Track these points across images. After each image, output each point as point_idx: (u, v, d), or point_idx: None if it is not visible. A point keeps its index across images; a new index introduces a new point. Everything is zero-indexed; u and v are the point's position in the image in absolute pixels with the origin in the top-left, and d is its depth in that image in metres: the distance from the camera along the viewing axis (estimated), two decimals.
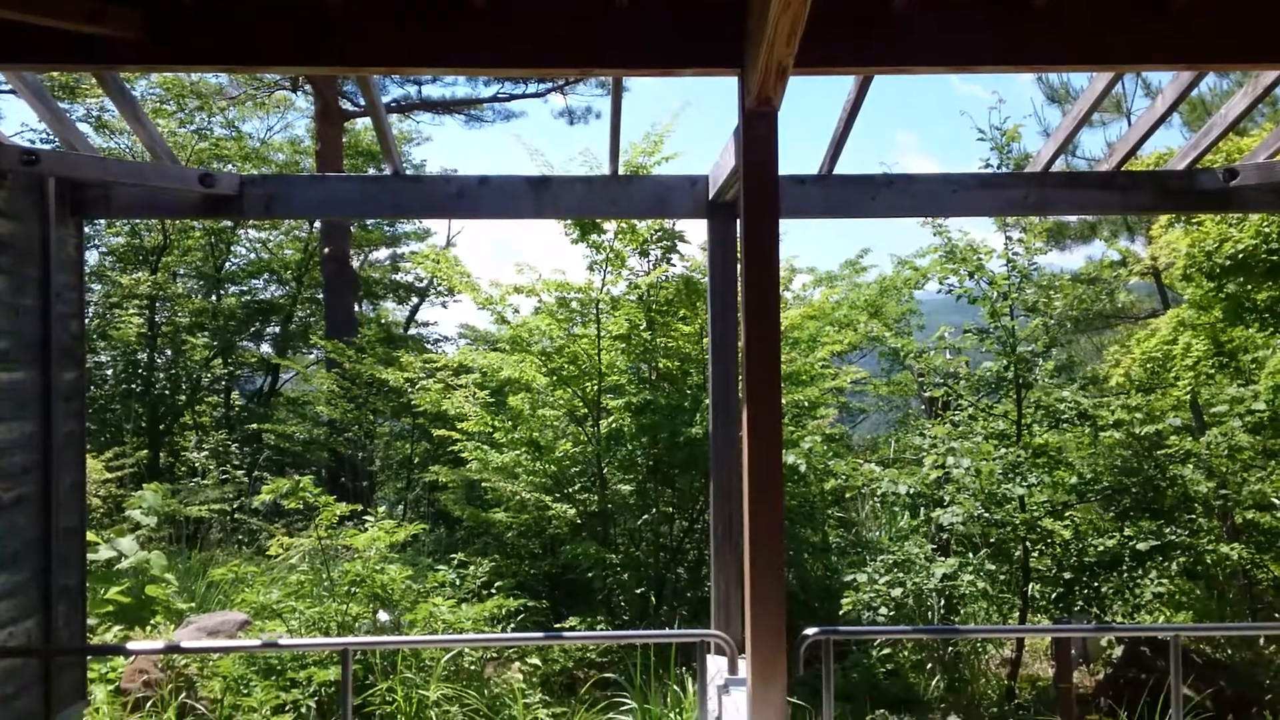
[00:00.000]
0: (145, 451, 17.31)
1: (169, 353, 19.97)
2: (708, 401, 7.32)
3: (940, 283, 10.39)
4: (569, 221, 11.32)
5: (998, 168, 9.62)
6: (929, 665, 10.31)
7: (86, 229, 7.01)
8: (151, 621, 9.79)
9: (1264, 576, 11.11)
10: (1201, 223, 10.62)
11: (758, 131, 4.96)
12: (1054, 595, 9.51)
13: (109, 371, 19.26)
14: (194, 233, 20.81)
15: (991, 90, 10.14)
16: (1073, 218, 17.96)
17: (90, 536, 10.35)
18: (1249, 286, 10.57)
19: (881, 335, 12.74)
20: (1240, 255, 10.18)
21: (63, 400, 6.41)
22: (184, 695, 8.43)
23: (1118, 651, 10.13)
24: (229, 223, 20.53)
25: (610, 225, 11.44)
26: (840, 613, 9.49)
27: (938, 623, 10.34)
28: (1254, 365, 10.63)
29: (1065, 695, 8.59)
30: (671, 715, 7.70)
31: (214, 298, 21.58)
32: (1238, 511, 10.49)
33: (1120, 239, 17.20)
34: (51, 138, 16.10)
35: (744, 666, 5.47)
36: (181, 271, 21.70)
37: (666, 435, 11.38)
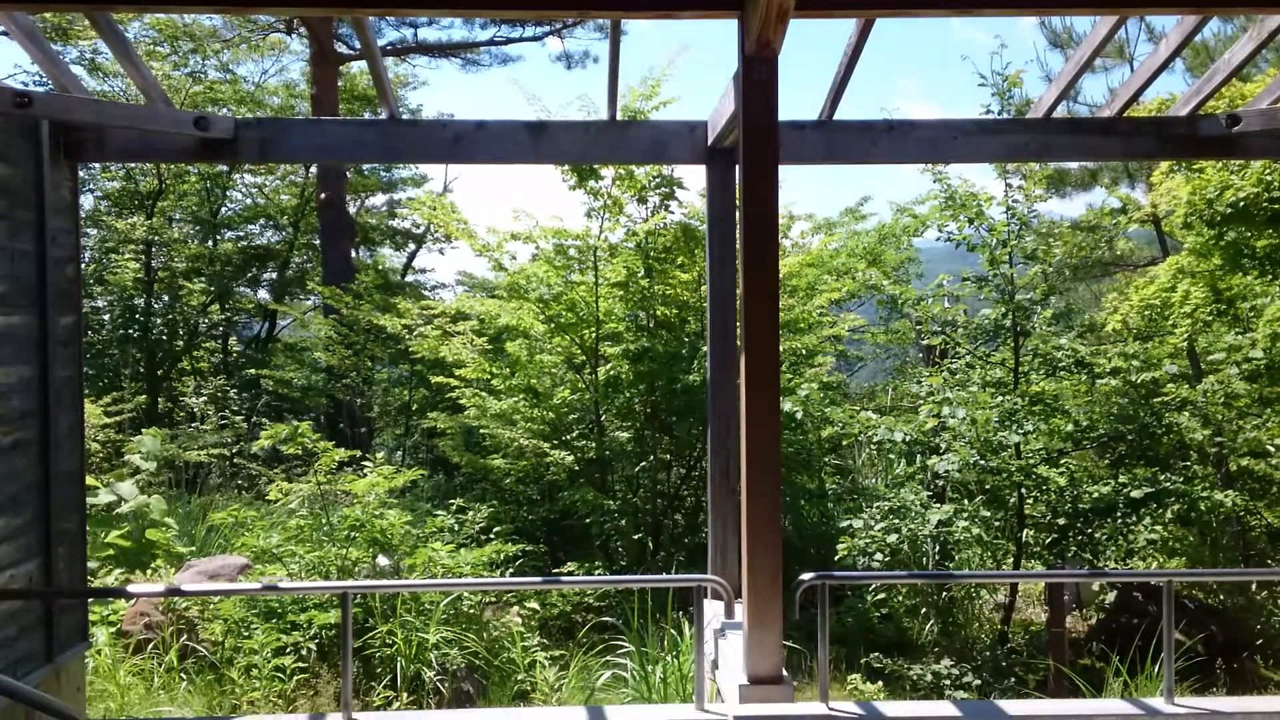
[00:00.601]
0: (144, 397, 17.34)
1: (166, 298, 19.93)
2: (705, 349, 7.31)
3: (940, 230, 10.35)
4: (566, 167, 11.25)
5: (999, 114, 9.54)
6: (923, 610, 10.41)
7: (81, 173, 6.96)
8: (152, 565, 9.85)
9: (1257, 523, 11.18)
10: (1203, 170, 10.56)
11: (757, 76, 4.91)
12: (1048, 541, 9.58)
13: (106, 317, 19.24)
14: (189, 177, 20.68)
15: (994, 35, 10.05)
16: (1074, 165, 17.86)
17: (90, 481, 10.39)
18: (1249, 234, 10.53)
19: (880, 283, 12.71)
20: (1241, 203, 10.13)
21: (60, 345, 6.39)
22: (185, 637, 8.51)
23: (1111, 597, 10.23)
24: (224, 167, 20.39)
25: (608, 172, 11.37)
26: (836, 558, 9.56)
27: (932, 568, 10.42)
28: (1252, 313, 10.62)
29: (1058, 640, 8.69)
30: (668, 658, 7.78)
31: (210, 243, 21.49)
32: (1233, 459, 10.54)
33: (1121, 186, 17.11)
34: (44, 80, 15.95)
35: (740, 611, 5.52)
36: (177, 216, 21.59)
37: (664, 382, 11.39)
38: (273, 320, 22.26)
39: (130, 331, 18.71)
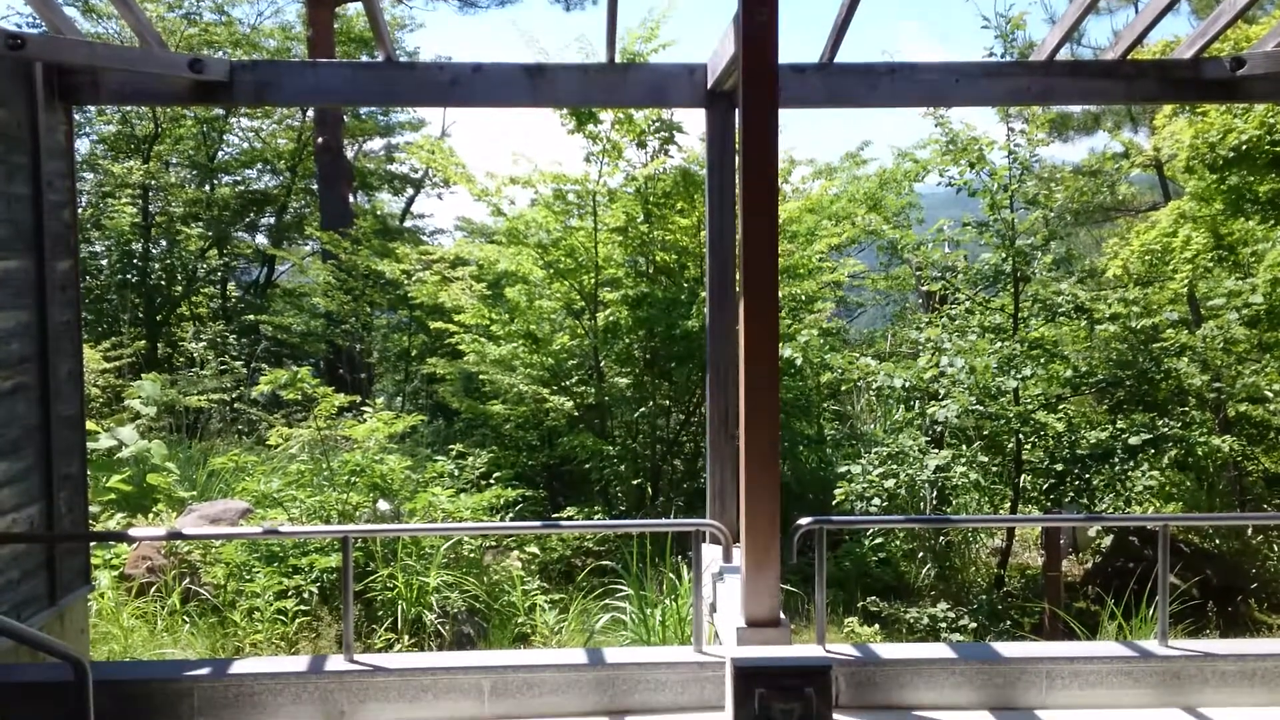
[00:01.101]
0: (143, 342, 17.32)
1: (164, 243, 19.85)
2: (705, 295, 7.30)
3: (940, 175, 10.30)
4: (565, 112, 11.16)
5: (1001, 56, 9.45)
6: (920, 554, 10.48)
7: (76, 116, 6.90)
8: (154, 509, 9.91)
9: (1254, 469, 11.23)
10: (1206, 113, 10.47)
11: (758, 18, 4.85)
12: (1045, 486, 9.63)
13: (104, 262, 19.17)
14: (185, 121, 20.52)
15: None
16: (1076, 108, 17.72)
17: (90, 426, 10.41)
18: (1251, 178, 10.47)
19: (880, 228, 12.66)
20: (1244, 146, 10.06)
21: (58, 289, 6.38)
22: (187, 581, 8.58)
23: (1107, 541, 10.30)
24: (220, 111, 20.23)
25: (607, 115, 11.28)
26: (833, 503, 9.62)
27: (930, 513, 10.49)
28: (1253, 258, 10.58)
29: (1053, 583, 8.75)
30: (667, 602, 7.85)
31: (207, 188, 21.37)
32: (1231, 404, 10.55)
33: (1124, 130, 16.97)
34: (37, 22, 15.77)
35: (738, 555, 5.56)
36: (174, 160, 21.44)
37: (663, 328, 11.38)
38: (271, 265, 22.19)
39: (128, 277, 18.65)
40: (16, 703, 5.11)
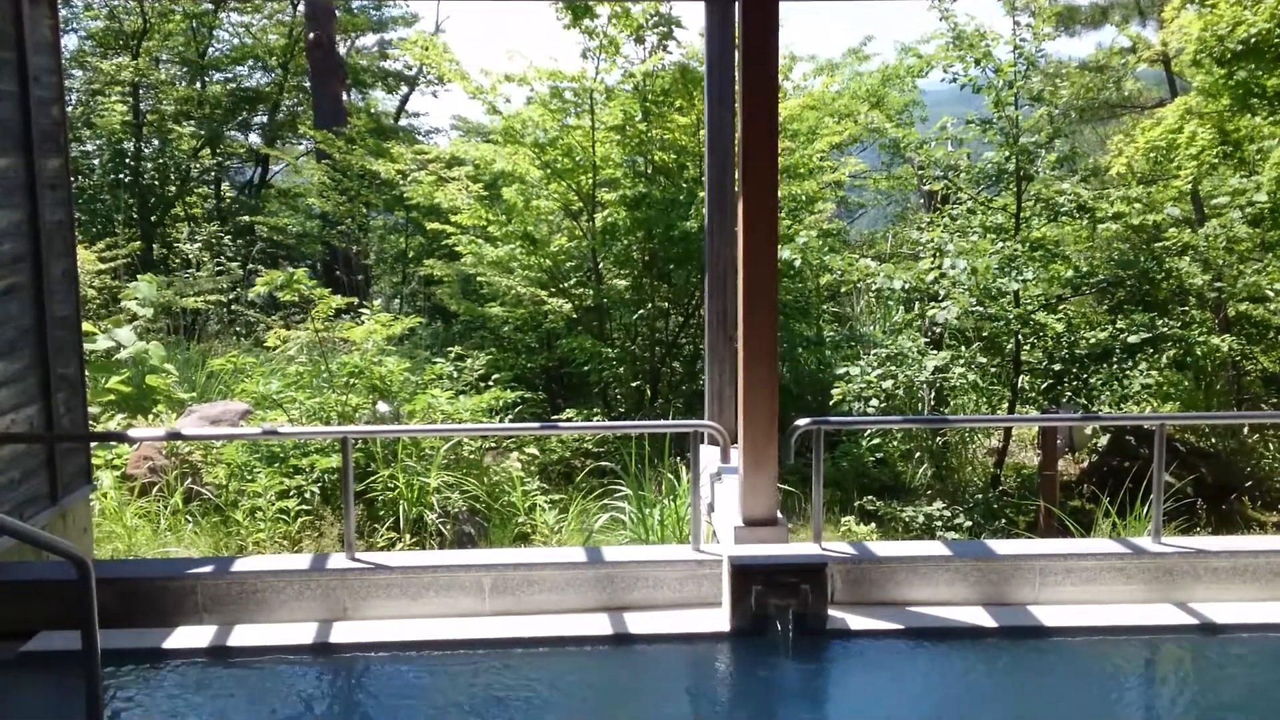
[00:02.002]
0: (138, 243, 17.19)
1: (155, 142, 19.60)
2: (704, 195, 7.22)
3: (945, 71, 10.11)
4: (560, 5, 10.92)
5: None
6: (917, 454, 10.55)
7: (62, 11, 6.74)
8: (153, 411, 9.93)
9: (1252, 368, 11.24)
10: (1215, 5, 10.23)
11: None
12: (1043, 387, 9.64)
13: (95, 161, 18.95)
14: (174, 16, 20.12)
15: None
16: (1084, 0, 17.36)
17: (87, 327, 10.39)
18: (1260, 73, 10.27)
19: (882, 127, 12.47)
20: (1253, 40, 9.83)
21: (48, 188, 6.29)
22: (190, 481, 8.63)
23: (1103, 441, 10.36)
24: (209, 4, 19.81)
25: (603, 10, 11.03)
26: (831, 404, 9.64)
27: (927, 414, 10.52)
28: (1258, 156, 10.43)
29: (1049, 482, 8.82)
30: (666, 502, 7.91)
31: (198, 85, 21.02)
32: (1231, 304, 10.52)
33: (1131, 24, 16.61)
34: None
35: (736, 455, 5.58)
36: (164, 57, 21.06)
37: (662, 229, 11.29)
38: (265, 165, 21.95)
39: (121, 176, 18.45)
40: (20, 600, 5.18)
